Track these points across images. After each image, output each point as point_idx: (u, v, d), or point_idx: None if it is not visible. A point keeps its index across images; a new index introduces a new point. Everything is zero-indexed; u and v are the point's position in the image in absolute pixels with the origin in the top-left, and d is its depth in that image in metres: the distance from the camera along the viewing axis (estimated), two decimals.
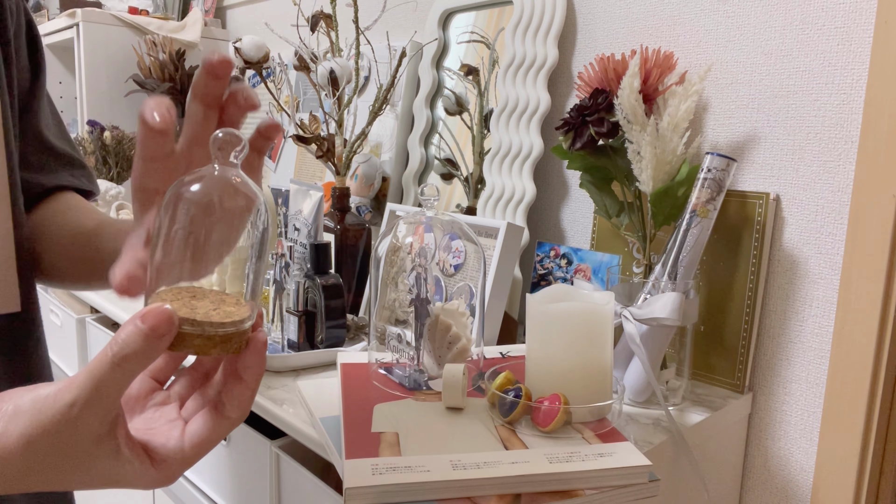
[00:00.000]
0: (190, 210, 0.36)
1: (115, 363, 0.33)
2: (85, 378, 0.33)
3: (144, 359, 0.33)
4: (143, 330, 0.33)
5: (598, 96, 0.88)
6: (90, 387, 0.33)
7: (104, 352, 0.33)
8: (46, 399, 0.34)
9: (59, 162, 0.64)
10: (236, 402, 0.38)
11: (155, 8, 2.09)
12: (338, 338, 0.96)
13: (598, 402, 0.64)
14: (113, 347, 0.33)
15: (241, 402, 0.38)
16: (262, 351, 0.38)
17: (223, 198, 0.37)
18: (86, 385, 0.33)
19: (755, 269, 0.87)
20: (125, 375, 0.33)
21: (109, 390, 0.33)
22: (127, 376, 0.33)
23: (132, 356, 0.33)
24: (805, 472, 0.87)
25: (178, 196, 0.36)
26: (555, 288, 0.70)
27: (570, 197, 1.13)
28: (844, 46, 0.81)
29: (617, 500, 0.55)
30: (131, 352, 0.33)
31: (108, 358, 0.33)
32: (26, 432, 0.34)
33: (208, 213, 0.37)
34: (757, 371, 0.91)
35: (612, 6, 1.04)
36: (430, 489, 0.53)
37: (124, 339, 0.33)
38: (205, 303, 0.37)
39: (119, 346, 0.33)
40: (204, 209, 0.37)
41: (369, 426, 0.62)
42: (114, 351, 0.33)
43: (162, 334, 0.33)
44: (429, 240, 0.76)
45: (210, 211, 0.37)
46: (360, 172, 1.35)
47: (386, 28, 1.29)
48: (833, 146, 0.82)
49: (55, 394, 0.34)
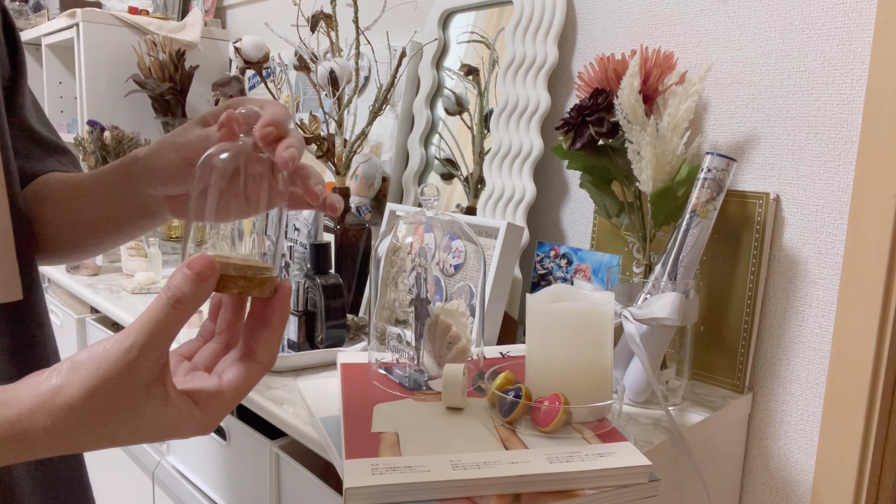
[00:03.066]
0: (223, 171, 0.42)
1: (170, 304, 0.37)
2: (143, 322, 0.36)
3: (195, 299, 0.37)
4: (189, 275, 0.37)
5: (598, 96, 0.88)
6: (148, 329, 0.36)
7: (159, 297, 0.37)
8: (105, 349, 0.37)
9: (44, 149, 0.65)
10: (266, 345, 0.41)
11: (155, 8, 2.09)
12: (338, 338, 0.96)
13: (598, 402, 0.64)
14: (167, 292, 0.37)
15: (269, 345, 0.41)
16: (288, 296, 0.42)
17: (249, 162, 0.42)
18: (143, 328, 0.36)
19: (755, 269, 0.87)
20: (179, 317, 0.37)
21: (164, 332, 0.37)
22: (180, 318, 0.37)
23: (184, 298, 0.37)
24: (805, 472, 0.88)
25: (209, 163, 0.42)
26: (555, 288, 0.70)
27: (570, 197, 1.13)
28: (844, 46, 0.81)
29: (617, 500, 0.56)
30: (182, 294, 0.37)
31: (163, 301, 0.37)
32: (87, 382, 0.36)
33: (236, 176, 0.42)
34: (757, 371, 0.91)
35: (612, 6, 1.04)
36: (430, 489, 0.53)
37: (176, 283, 0.37)
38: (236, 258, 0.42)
39: (172, 290, 0.37)
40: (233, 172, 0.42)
41: (369, 426, 0.62)
42: (168, 295, 0.37)
43: (207, 277, 0.37)
44: (429, 240, 0.76)
45: (237, 173, 0.42)
46: (360, 172, 1.35)
47: (386, 28, 1.29)
48: (833, 146, 0.82)
49: (113, 343, 0.37)
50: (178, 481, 1.08)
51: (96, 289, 1.37)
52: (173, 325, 0.37)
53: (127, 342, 0.36)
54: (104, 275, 1.50)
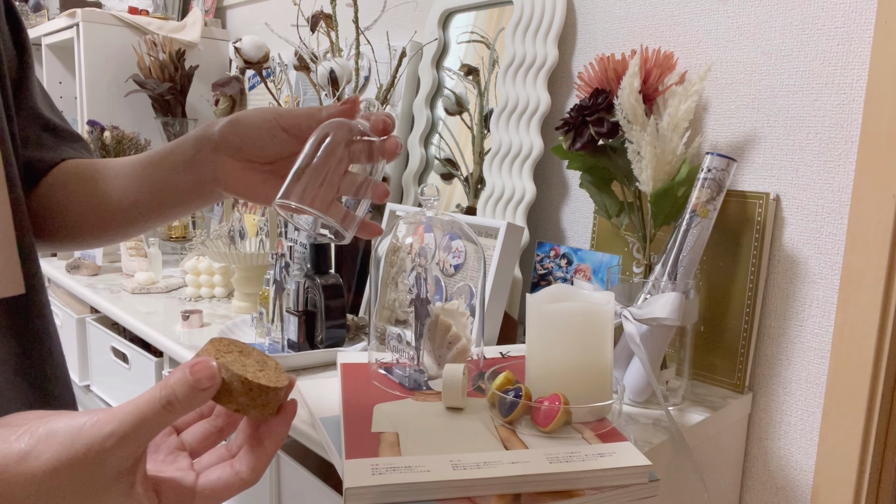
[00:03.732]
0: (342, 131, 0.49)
1: (161, 404, 0.35)
2: (130, 412, 0.35)
3: (188, 406, 0.36)
4: (188, 381, 0.36)
5: (598, 96, 0.88)
6: (133, 422, 0.35)
7: (153, 393, 0.35)
8: (83, 427, 0.35)
9: (57, 137, 0.65)
10: (252, 465, 0.40)
11: (155, 8, 2.09)
12: (338, 338, 0.96)
13: (598, 402, 0.64)
14: (163, 390, 0.35)
15: (255, 465, 0.40)
16: (290, 419, 0.40)
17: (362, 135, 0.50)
18: (129, 419, 0.35)
19: (755, 269, 0.87)
20: (168, 418, 0.35)
21: (149, 428, 0.35)
22: (168, 419, 0.36)
23: (177, 403, 0.35)
24: (805, 472, 0.88)
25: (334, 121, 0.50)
26: (555, 288, 0.70)
27: (570, 197, 1.13)
28: (844, 46, 0.81)
29: (617, 500, 0.55)
30: (176, 399, 0.35)
31: (155, 398, 0.35)
32: (56, 456, 0.34)
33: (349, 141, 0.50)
34: (757, 371, 0.91)
35: (612, 6, 1.04)
36: (430, 489, 0.53)
37: (173, 384, 0.35)
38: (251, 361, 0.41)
39: (168, 391, 0.35)
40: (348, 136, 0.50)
41: (369, 426, 0.62)
42: (162, 394, 0.35)
43: (206, 388, 0.36)
44: (429, 240, 0.76)
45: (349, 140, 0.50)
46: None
47: (386, 28, 1.29)
48: (833, 146, 0.82)
49: (94, 423, 0.35)
50: None
51: (96, 289, 1.37)
52: (160, 425, 0.36)
53: (108, 427, 0.35)
54: (104, 275, 1.50)
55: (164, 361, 1.15)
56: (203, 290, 1.31)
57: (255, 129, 0.53)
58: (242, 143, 0.54)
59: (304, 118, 0.52)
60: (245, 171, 0.55)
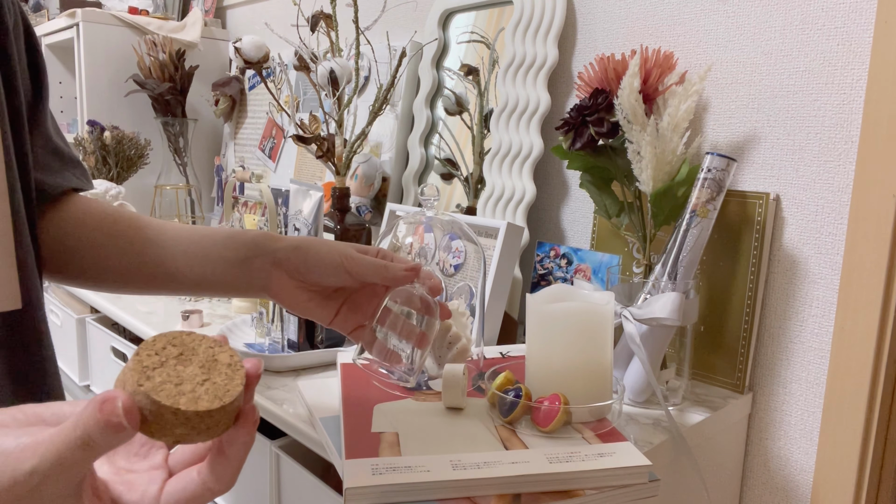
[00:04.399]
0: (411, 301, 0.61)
1: (78, 445, 0.31)
2: (48, 450, 0.31)
3: (110, 446, 0.32)
4: (100, 420, 0.31)
5: (598, 96, 0.88)
6: (53, 460, 0.31)
7: (69, 432, 0.31)
8: (9, 457, 0.32)
9: (61, 162, 0.65)
10: (217, 475, 0.37)
11: (155, 8, 2.09)
12: (338, 338, 0.96)
13: (598, 402, 0.64)
14: (76, 430, 0.31)
15: (221, 476, 0.37)
16: (251, 428, 0.36)
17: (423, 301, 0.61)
18: (48, 457, 0.31)
19: (755, 269, 0.87)
20: (90, 457, 0.32)
21: (71, 469, 0.32)
22: (91, 457, 0.32)
23: (95, 444, 0.31)
24: (805, 472, 0.88)
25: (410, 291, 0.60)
26: (555, 288, 0.70)
27: (570, 197, 1.13)
28: (844, 46, 0.81)
29: (617, 500, 0.55)
30: (92, 440, 0.31)
31: (72, 439, 0.31)
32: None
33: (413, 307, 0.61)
34: (757, 371, 0.91)
35: (612, 6, 1.04)
36: (430, 489, 0.53)
37: (85, 422, 0.31)
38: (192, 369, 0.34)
39: (81, 430, 0.31)
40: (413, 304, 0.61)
41: (369, 426, 0.62)
42: (76, 434, 0.31)
43: (122, 428, 0.31)
44: (429, 240, 0.76)
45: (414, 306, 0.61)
46: (360, 172, 1.35)
47: (386, 28, 1.29)
48: (833, 146, 0.82)
49: (18, 453, 0.32)
50: None
51: None
52: (83, 463, 0.32)
53: (29, 465, 0.31)
54: None
55: None
56: None
57: (322, 265, 0.58)
58: (305, 271, 0.59)
59: (370, 269, 0.58)
60: (296, 289, 0.60)
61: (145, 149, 1.76)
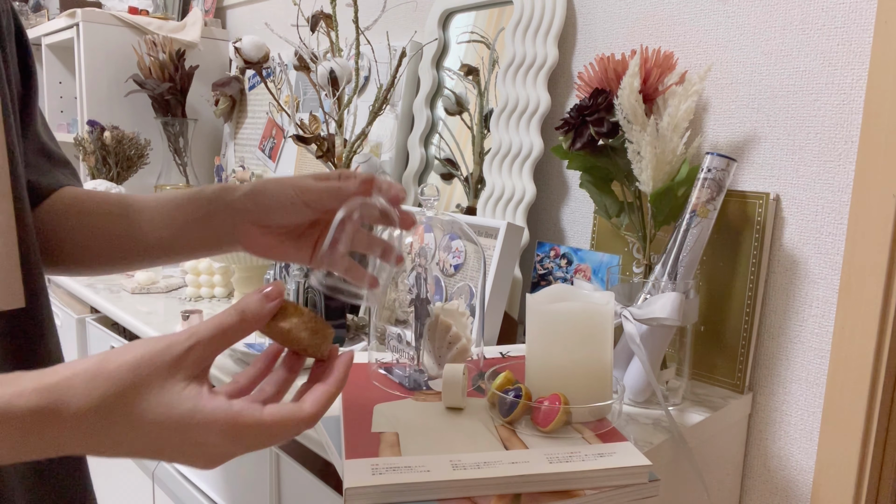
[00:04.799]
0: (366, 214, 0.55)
1: (235, 312, 0.42)
2: (207, 321, 0.41)
3: (258, 316, 0.42)
4: (259, 296, 0.43)
5: (598, 96, 0.88)
6: (209, 326, 0.41)
7: (227, 309, 0.42)
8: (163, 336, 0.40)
9: (51, 162, 0.66)
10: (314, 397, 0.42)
11: (155, 8, 2.09)
12: (338, 338, 0.96)
13: (598, 402, 0.64)
14: (236, 305, 0.42)
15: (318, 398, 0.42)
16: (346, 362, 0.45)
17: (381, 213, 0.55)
18: (206, 325, 0.41)
19: (755, 268, 0.87)
20: (240, 326, 0.41)
21: (222, 333, 0.41)
22: (240, 327, 0.42)
23: (247, 310, 0.42)
24: (805, 472, 0.88)
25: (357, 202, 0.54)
26: (555, 288, 0.70)
27: (570, 197, 1.13)
28: (844, 46, 0.81)
29: (617, 500, 0.55)
30: (247, 306, 0.42)
31: (231, 310, 0.42)
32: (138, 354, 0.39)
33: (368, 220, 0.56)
34: (757, 371, 0.91)
35: (612, 6, 1.04)
36: (430, 489, 0.53)
37: (245, 300, 0.43)
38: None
39: (242, 303, 0.42)
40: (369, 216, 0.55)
41: (369, 426, 0.62)
42: (237, 307, 0.42)
43: (272, 297, 0.43)
44: (429, 240, 0.76)
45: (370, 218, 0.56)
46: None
47: (386, 28, 1.29)
48: (833, 146, 0.82)
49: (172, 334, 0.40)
50: (178, 481, 1.08)
51: (96, 289, 1.37)
52: (232, 331, 0.41)
53: (186, 333, 0.40)
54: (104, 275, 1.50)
55: None
56: (203, 290, 1.31)
57: (277, 202, 0.56)
58: (262, 213, 0.57)
59: (325, 194, 0.55)
60: (262, 235, 0.58)
61: (145, 149, 1.76)
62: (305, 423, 0.42)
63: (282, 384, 0.46)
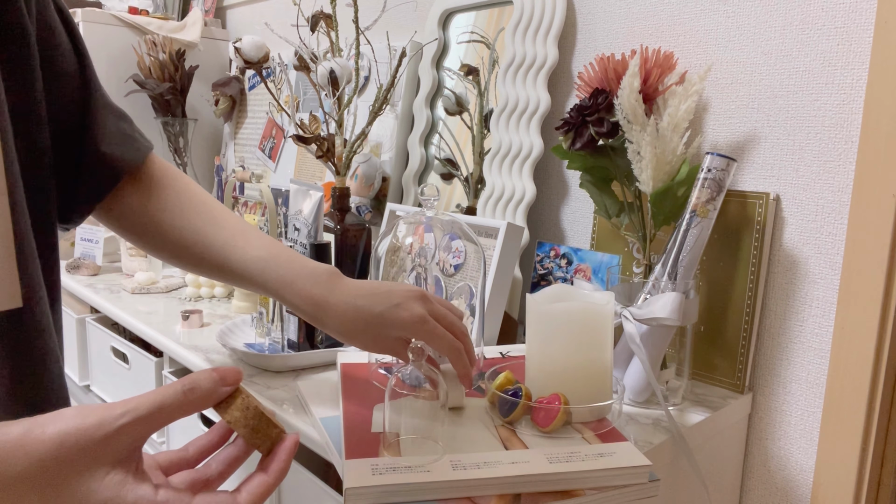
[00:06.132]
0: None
1: (183, 390, 0.38)
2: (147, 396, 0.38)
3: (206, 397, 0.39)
4: (213, 376, 0.40)
5: (598, 96, 0.88)
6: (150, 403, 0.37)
7: (174, 383, 0.39)
8: (96, 407, 0.37)
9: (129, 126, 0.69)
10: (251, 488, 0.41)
11: (155, 8, 2.08)
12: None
13: (598, 402, 0.64)
14: (185, 380, 0.39)
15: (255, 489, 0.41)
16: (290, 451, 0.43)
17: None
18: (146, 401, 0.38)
19: (755, 269, 0.87)
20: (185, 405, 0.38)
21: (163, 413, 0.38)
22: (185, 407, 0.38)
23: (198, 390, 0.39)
24: (805, 472, 0.88)
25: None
26: (555, 288, 0.70)
27: (570, 197, 1.13)
28: (844, 46, 0.81)
29: (617, 500, 0.55)
30: (198, 387, 0.39)
31: (177, 385, 0.39)
32: (64, 427, 0.36)
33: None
34: (757, 371, 0.91)
35: (612, 6, 1.04)
36: (430, 489, 0.53)
37: (196, 376, 0.39)
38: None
39: (190, 380, 0.39)
40: None
41: (369, 426, 0.62)
42: (185, 382, 0.39)
43: (229, 382, 0.40)
44: (429, 240, 0.76)
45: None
46: (360, 172, 1.35)
47: (386, 28, 1.29)
48: (833, 146, 0.82)
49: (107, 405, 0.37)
50: None
51: (96, 289, 1.37)
52: (173, 409, 0.38)
53: (121, 408, 0.37)
54: (104, 275, 1.50)
55: (164, 361, 1.15)
56: (203, 290, 1.31)
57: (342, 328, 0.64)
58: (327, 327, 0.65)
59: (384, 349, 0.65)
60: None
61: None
62: None
63: (231, 462, 0.44)
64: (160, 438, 1.15)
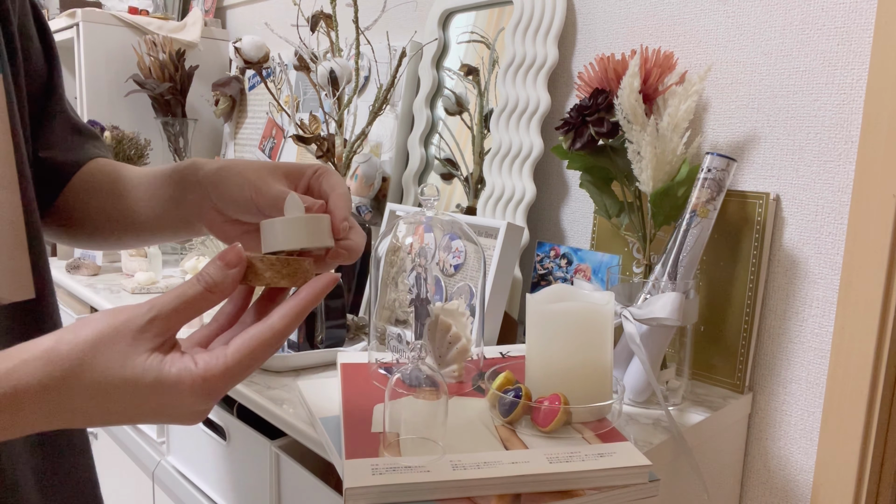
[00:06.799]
0: None
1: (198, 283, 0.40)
2: (169, 293, 0.40)
3: (223, 285, 0.41)
4: (219, 263, 0.41)
5: (598, 96, 0.88)
6: (171, 297, 0.39)
7: (191, 279, 0.41)
8: (124, 307, 0.40)
9: (83, 138, 0.67)
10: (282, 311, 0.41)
11: (155, 8, 2.08)
12: (338, 338, 0.96)
13: (598, 402, 0.64)
14: (198, 275, 0.41)
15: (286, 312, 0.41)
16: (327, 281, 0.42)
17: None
18: (168, 296, 0.40)
19: (755, 269, 0.87)
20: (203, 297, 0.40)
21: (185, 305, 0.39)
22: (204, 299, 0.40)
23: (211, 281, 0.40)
24: (805, 472, 0.88)
25: None
26: (555, 288, 0.70)
27: (570, 197, 1.13)
28: (844, 46, 0.81)
29: (617, 500, 0.56)
30: (210, 277, 0.40)
31: (193, 280, 0.40)
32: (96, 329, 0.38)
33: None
34: (757, 371, 0.91)
35: (612, 6, 1.04)
36: (430, 489, 0.53)
37: (206, 269, 0.41)
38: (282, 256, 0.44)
39: (202, 274, 0.41)
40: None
41: (369, 426, 0.62)
42: (198, 277, 0.41)
43: (233, 265, 0.41)
44: (429, 240, 0.76)
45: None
46: (360, 172, 1.35)
47: (386, 28, 1.29)
48: (833, 146, 0.82)
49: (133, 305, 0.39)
50: (178, 481, 1.08)
51: (96, 289, 1.37)
52: (196, 302, 0.40)
53: (146, 305, 0.39)
54: (104, 275, 1.50)
55: None
56: None
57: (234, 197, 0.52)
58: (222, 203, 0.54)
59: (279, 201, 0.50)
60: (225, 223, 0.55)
61: (145, 149, 1.76)
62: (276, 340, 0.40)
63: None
64: (160, 438, 1.15)
